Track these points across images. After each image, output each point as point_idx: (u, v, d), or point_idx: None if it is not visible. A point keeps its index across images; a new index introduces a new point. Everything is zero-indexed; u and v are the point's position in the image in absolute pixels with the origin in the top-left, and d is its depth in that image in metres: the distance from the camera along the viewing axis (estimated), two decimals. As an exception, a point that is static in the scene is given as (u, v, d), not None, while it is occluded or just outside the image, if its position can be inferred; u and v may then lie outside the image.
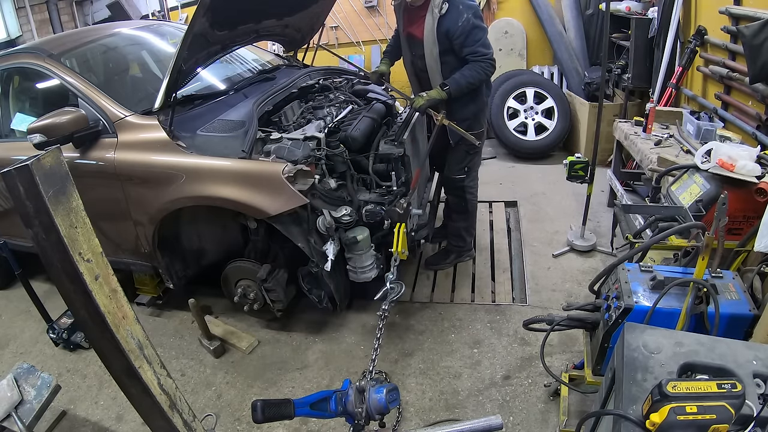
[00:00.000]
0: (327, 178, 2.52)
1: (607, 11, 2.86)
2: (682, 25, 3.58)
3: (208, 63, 2.79)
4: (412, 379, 2.47)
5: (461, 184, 3.05)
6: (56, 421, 2.45)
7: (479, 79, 2.68)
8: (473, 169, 3.06)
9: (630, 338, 1.19)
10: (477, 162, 3.07)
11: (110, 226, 2.77)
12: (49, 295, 3.19)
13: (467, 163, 2.99)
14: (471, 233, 3.28)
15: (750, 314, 1.57)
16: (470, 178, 3.06)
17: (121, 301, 1.22)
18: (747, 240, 2.01)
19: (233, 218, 2.68)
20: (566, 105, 4.70)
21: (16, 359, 2.87)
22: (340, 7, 5.55)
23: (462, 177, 3.03)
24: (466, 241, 3.26)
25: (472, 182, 3.10)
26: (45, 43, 3.22)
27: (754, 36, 2.49)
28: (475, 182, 3.13)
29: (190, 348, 2.85)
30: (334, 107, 2.94)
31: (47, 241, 1.07)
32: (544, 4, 5.01)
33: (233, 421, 2.35)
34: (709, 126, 2.83)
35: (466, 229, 3.23)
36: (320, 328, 2.88)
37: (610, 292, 1.76)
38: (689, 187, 2.31)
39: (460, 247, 3.27)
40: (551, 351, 2.51)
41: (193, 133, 2.49)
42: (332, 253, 2.37)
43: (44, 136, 2.36)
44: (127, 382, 1.27)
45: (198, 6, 2.20)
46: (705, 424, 0.92)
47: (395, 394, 1.49)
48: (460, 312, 2.89)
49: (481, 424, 1.28)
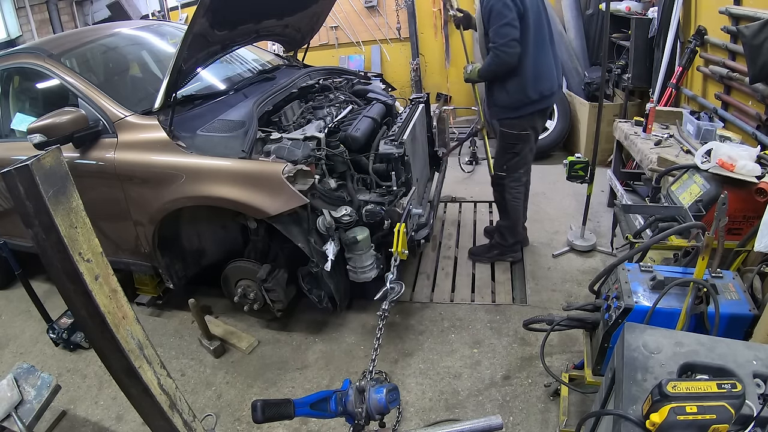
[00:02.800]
0: (327, 178, 2.52)
1: (607, 11, 2.86)
2: (682, 25, 3.58)
3: (208, 63, 2.79)
4: (412, 379, 2.47)
5: (501, 181, 3.03)
6: (56, 421, 2.45)
7: (491, 67, 2.64)
8: (514, 170, 2.98)
9: (630, 338, 1.19)
10: (518, 163, 2.96)
11: (110, 226, 2.77)
12: (49, 295, 3.20)
13: (507, 161, 2.96)
14: (514, 235, 3.22)
15: (750, 314, 1.57)
16: (511, 179, 3.00)
17: (121, 301, 1.22)
18: (747, 240, 2.01)
19: (233, 218, 2.68)
20: (566, 105, 4.70)
21: (16, 359, 2.87)
22: (340, 7, 5.54)
23: (501, 174, 3.01)
24: (507, 240, 3.22)
25: (514, 183, 3.01)
26: (45, 43, 3.22)
27: (754, 36, 2.49)
28: (517, 185, 3.03)
29: (190, 348, 2.85)
30: (334, 107, 2.95)
31: (47, 241, 1.07)
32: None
33: (233, 421, 2.35)
34: (709, 126, 2.83)
35: (508, 228, 3.19)
36: (320, 328, 2.88)
37: (610, 292, 1.76)
38: (689, 187, 2.31)
39: (501, 245, 3.25)
40: (551, 351, 2.51)
41: (193, 133, 2.49)
42: (332, 253, 2.37)
43: (44, 136, 2.36)
44: (127, 382, 1.26)
45: (198, 6, 2.20)
46: (705, 424, 0.92)
47: (395, 394, 1.49)
48: (460, 312, 2.89)
49: (481, 424, 1.27)
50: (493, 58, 2.60)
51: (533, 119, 2.83)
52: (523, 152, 2.92)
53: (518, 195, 3.07)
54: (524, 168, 3.03)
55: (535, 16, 2.62)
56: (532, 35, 2.62)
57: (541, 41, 2.68)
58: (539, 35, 2.66)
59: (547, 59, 2.73)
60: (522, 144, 2.89)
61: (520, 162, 2.96)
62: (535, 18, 2.61)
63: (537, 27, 2.64)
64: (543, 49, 2.70)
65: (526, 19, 2.57)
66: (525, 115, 2.79)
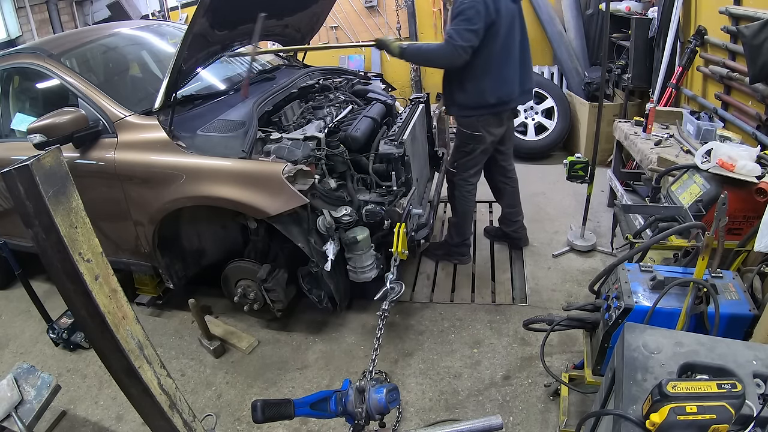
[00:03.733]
0: (327, 178, 2.52)
1: (607, 11, 2.86)
2: (682, 25, 3.58)
3: (208, 63, 2.79)
4: (412, 379, 2.47)
5: (452, 178, 3.06)
6: (56, 421, 2.45)
7: (436, 56, 2.65)
8: (464, 169, 2.99)
9: (630, 338, 1.19)
10: (468, 163, 2.96)
11: (110, 226, 2.77)
12: (49, 295, 3.19)
13: (458, 158, 2.98)
14: (460, 234, 3.20)
15: (750, 314, 1.57)
16: (460, 177, 3.01)
17: (121, 301, 1.22)
18: (747, 240, 2.01)
19: (233, 218, 2.68)
20: (566, 105, 4.70)
21: (16, 359, 2.87)
22: (340, 7, 5.55)
23: (452, 171, 3.04)
24: (453, 238, 3.22)
25: (463, 182, 3.03)
26: (45, 43, 3.22)
27: (754, 36, 2.49)
28: (467, 184, 3.03)
29: (190, 348, 2.85)
30: (334, 107, 2.95)
31: (47, 241, 1.07)
32: (544, 4, 5.01)
33: (233, 421, 2.35)
34: (709, 126, 2.83)
35: (455, 225, 3.20)
36: (320, 328, 2.88)
37: (610, 292, 1.76)
38: (689, 187, 2.31)
39: (448, 243, 3.27)
40: (551, 351, 2.51)
41: (193, 133, 2.49)
42: (332, 253, 2.37)
43: (44, 136, 2.36)
44: (127, 382, 1.26)
45: (198, 6, 2.20)
46: (705, 424, 0.92)
47: (395, 394, 1.49)
48: (460, 312, 2.89)
49: (481, 424, 1.27)
50: (443, 50, 2.59)
51: (487, 122, 2.82)
52: (474, 153, 2.91)
53: (467, 195, 3.07)
54: (474, 169, 3.01)
55: (507, 26, 2.64)
56: (501, 43, 2.64)
57: (508, 49, 2.69)
58: (507, 43, 2.68)
59: (512, 67, 2.74)
60: (474, 144, 2.88)
61: (470, 162, 2.96)
62: (506, 28, 2.64)
63: (507, 35, 2.65)
64: (509, 57, 2.71)
65: (497, 27, 2.59)
66: (478, 116, 2.80)
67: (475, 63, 2.64)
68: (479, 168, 3.05)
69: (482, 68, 2.66)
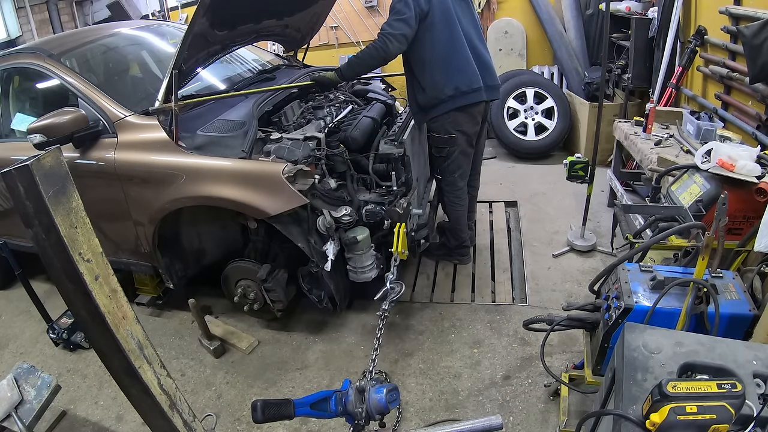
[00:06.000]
0: (327, 178, 2.52)
1: (607, 11, 2.86)
2: (682, 25, 3.58)
3: (208, 63, 2.78)
4: (412, 379, 2.47)
5: (438, 184, 3.07)
6: (56, 421, 2.45)
7: (369, 54, 2.61)
8: (447, 173, 2.94)
9: (630, 338, 1.19)
10: (450, 167, 2.90)
11: (110, 226, 2.77)
12: (49, 295, 3.19)
13: (438, 165, 2.96)
14: (456, 237, 3.19)
15: (750, 314, 1.57)
16: (446, 182, 2.98)
17: (121, 301, 1.22)
18: (747, 240, 2.01)
19: (233, 218, 2.67)
20: (566, 105, 4.70)
21: (16, 359, 2.87)
22: (340, 7, 5.54)
23: (438, 177, 3.06)
24: (450, 242, 3.23)
25: (449, 187, 2.99)
26: (45, 43, 3.22)
27: (754, 36, 2.49)
28: (454, 188, 2.99)
29: (190, 348, 2.85)
30: (334, 107, 2.94)
31: (47, 241, 1.07)
32: (544, 4, 5.01)
33: (233, 421, 2.35)
34: (709, 126, 2.83)
35: (450, 230, 3.20)
36: (320, 328, 2.88)
37: (610, 292, 1.76)
38: (689, 187, 2.31)
39: (446, 245, 3.27)
40: (551, 351, 2.51)
41: (193, 133, 2.49)
42: (332, 253, 2.37)
43: (44, 136, 2.36)
44: (127, 382, 1.27)
45: (198, 6, 2.20)
46: (705, 424, 0.92)
47: (395, 394, 1.49)
48: (460, 312, 2.89)
49: (481, 424, 1.27)
50: (375, 44, 2.57)
51: (456, 121, 2.74)
52: (453, 156, 2.85)
53: (455, 200, 3.03)
54: (459, 172, 2.94)
55: (444, 14, 2.61)
56: (442, 32, 2.61)
57: (453, 38, 2.65)
58: (452, 33, 2.65)
59: (461, 55, 2.68)
60: (449, 147, 2.82)
61: (452, 166, 2.90)
62: (443, 16, 2.61)
63: (447, 25, 2.63)
64: (456, 46, 2.66)
65: (431, 17, 2.58)
66: (444, 114, 2.73)
67: (423, 57, 2.64)
68: (464, 170, 2.98)
69: (431, 61, 2.64)
